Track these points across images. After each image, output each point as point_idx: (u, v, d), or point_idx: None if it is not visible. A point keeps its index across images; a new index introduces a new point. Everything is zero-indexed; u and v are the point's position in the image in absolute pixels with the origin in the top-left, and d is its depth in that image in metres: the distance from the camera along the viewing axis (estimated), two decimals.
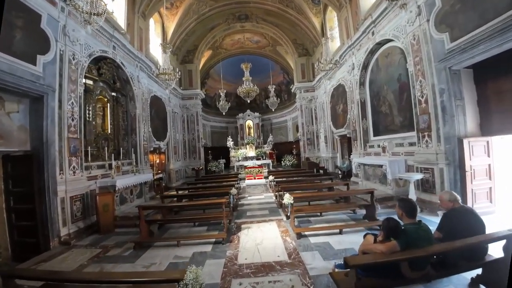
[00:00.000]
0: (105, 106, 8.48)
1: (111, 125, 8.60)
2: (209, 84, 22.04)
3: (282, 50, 18.44)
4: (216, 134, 23.45)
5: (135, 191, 8.27)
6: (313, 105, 15.00)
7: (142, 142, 9.68)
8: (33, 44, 5.25)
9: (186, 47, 15.42)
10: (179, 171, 13.92)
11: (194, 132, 15.34)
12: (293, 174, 10.70)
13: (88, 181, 6.63)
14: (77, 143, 6.27)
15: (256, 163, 15.32)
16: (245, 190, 10.50)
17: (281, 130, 23.62)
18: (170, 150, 13.01)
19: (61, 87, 5.97)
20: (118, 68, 8.90)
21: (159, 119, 11.93)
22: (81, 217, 6.19)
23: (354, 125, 10.35)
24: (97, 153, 7.68)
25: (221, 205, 4.89)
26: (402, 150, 7.72)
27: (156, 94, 11.69)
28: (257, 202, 7.96)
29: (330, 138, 13.06)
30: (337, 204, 6.04)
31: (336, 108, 12.25)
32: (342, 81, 11.49)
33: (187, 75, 15.59)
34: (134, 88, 9.55)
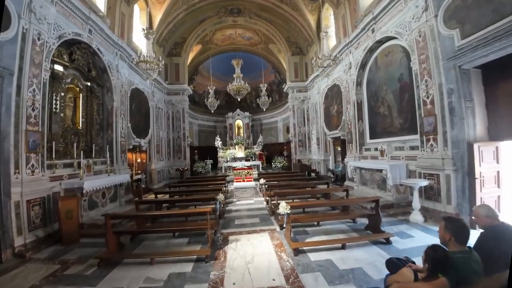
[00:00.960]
0: (77, 97, 7.50)
1: (83, 119, 7.62)
2: (198, 80, 21.13)
3: (274, 49, 17.89)
4: (203, 133, 22.53)
5: (108, 194, 7.33)
6: (305, 106, 14.50)
7: (119, 138, 8.72)
8: None
9: (173, 39, 14.50)
10: (162, 172, 12.96)
11: (180, 130, 14.41)
12: (285, 177, 10.07)
13: (50, 182, 5.68)
14: (37, 137, 5.32)
15: (245, 164, 14.61)
16: (233, 193, 9.77)
17: (272, 131, 23.06)
18: (152, 149, 12.04)
19: (21, 70, 5.05)
20: (94, 55, 7.95)
21: (141, 114, 10.97)
22: (40, 224, 5.25)
23: (350, 127, 9.90)
24: (64, 150, 6.71)
25: (205, 214, 4.14)
26: (402, 154, 7.29)
27: (138, 87, 10.73)
28: (246, 208, 7.25)
29: (322, 140, 12.58)
30: (337, 213, 5.45)
31: (330, 109, 11.78)
32: (337, 81, 11.04)
33: (173, 69, 14.66)
34: (112, 79, 8.59)
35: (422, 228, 5.33)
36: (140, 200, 5.85)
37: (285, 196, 6.31)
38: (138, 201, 5.74)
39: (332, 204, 5.65)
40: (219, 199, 5.06)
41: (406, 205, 6.67)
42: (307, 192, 6.99)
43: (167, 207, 7.17)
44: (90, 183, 6.16)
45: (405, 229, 5.27)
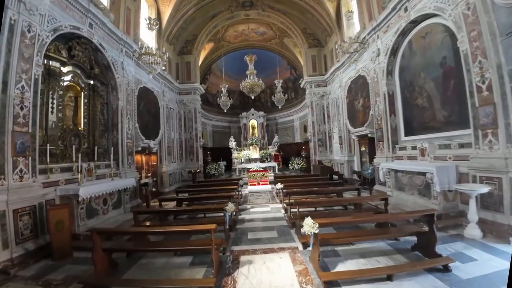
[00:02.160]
0: (78, 96, 6.98)
1: (85, 119, 7.09)
2: (211, 80, 20.59)
3: (290, 43, 16.87)
4: (217, 134, 21.95)
5: (110, 200, 6.72)
6: (325, 102, 13.33)
7: (125, 140, 8.15)
8: None
9: (184, 36, 13.94)
10: (173, 174, 12.38)
11: (192, 131, 13.79)
12: (305, 180, 9.02)
13: (44, 189, 5.10)
14: (26, 139, 4.75)
15: (260, 165, 13.70)
16: (247, 198, 8.88)
17: (288, 131, 22.00)
18: (163, 151, 11.48)
19: (8, 65, 4.49)
20: (97, 51, 7.42)
21: (150, 114, 10.42)
22: (30, 236, 4.66)
23: (379, 123, 8.67)
24: (63, 153, 6.16)
25: (210, 232, 3.27)
26: (449, 153, 6.04)
27: (147, 86, 10.19)
28: (262, 217, 6.31)
29: (346, 138, 11.37)
30: (376, 230, 4.36)
31: (355, 103, 10.58)
32: (362, 72, 9.83)
33: (185, 68, 14.09)
34: (117, 76, 8.04)
35: (483, 247, 4.15)
36: (139, 211, 5.11)
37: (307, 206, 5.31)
38: (137, 211, 4.99)
39: (376, 220, 4.52)
40: (228, 210, 4.19)
41: (456, 215, 5.46)
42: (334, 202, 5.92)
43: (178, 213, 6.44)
44: (87, 190, 5.53)
45: (462, 249, 4.12)
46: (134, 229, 4.15)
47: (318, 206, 6.09)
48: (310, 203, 5.49)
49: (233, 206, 4.29)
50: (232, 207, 4.23)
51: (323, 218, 3.62)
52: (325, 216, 5.18)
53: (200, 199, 6.94)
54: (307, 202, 5.29)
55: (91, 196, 5.74)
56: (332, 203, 5.92)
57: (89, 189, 5.62)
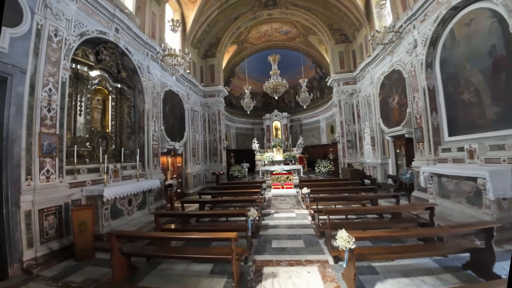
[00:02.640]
0: (106, 99, 7.18)
1: (113, 121, 7.26)
2: (234, 83, 20.62)
3: (315, 40, 16.24)
4: (241, 136, 21.88)
5: (135, 201, 6.76)
6: (354, 100, 12.48)
7: (151, 142, 8.24)
8: None
9: (208, 40, 14.05)
10: (198, 176, 12.40)
11: (216, 133, 13.78)
12: (333, 185, 8.38)
13: (70, 189, 5.21)
14: (53, 140, 4.87)
15: (284, 168, 13.22)
16: (270, 202, 8.47)
17: (313, 132, 21.21)
18: (188, 152, 11.54)
19: (36, 69, 4.65)
20: (123, 55, 7.60)
21: (175, 117, 10.53)
22: (55, 235, 4.73)
23: (419, 122, 7.79)
24: (91, 154, 6.31)
25: (230, 240, 2.96)
26: (503, 155, 5.11)
27: (172, 89, 10.32)
28: (286, 223, 5.86)
29: (379, 139, 10.47)
30: (421, 245, 3.70)
31: (389, 101, 9.69)
32: (397, 66, 8.97)
33: (208, 71, 14.17)
34: (143, 80, 8.18)
35: None
36: (160, 213, 4.98)
37: (338, 213, 4.77)
38: (158, 214, 4.88)
39: (425, 235, 3.81)
40: (250, 216, 3.85)
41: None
42: (369, 211, 5.29)
43: (199, 216, 6.28)
44: (111, 190, 5.57)
45: None
46: (152, 234, 3.99)
47: (349, 214, 5.49)
48: (341, 211, 4.91)
49: (256, 212, 3.94)
50: (254, 213, 3.89)
51: (358, 230, 3.13)
52: (358, 226, 4.60)
53: (222, 202, 6.69)
54: (338, 211, 4.73)
55: (116, 197, 5.78)
56: (366, 212, 5.29)
57: (113, 190, 5.66)
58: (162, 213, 4.95)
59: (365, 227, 4.41)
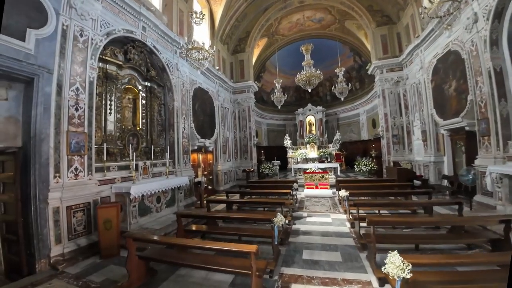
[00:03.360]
0: (136, 98, 7.28)
1: (143, 119, 7.34)
2: (265, 78, 20.07)
3: (352, 26, 14.83)
4: (272, 132, 21.32)
5: (164, 198, 6.72)
6: (400, 89, 10.96)
7: (181, 139, 8.21)
8: (22, 15, 4.10)
9: (237, 35, 13.72)
10: (228, 173, 12.24)
11: (246, 130, 13.46)
12: (376, 187, 7.39)
13: (99, 186, 5.30)
14: (81, 138, 4.93)
15: (319, 166, 12.30)
16: (303, 204, 7.79)
17: (351, 127, 19.64)
18: (219, 149, 11.42)
19: (63, 69, 4.73)
20: (151, 54, 7.62)
21: (205, 114, 10.43)
22: (83, 232, 4.82)
23: (483, 111, 6.38)
24: (122, 152, 6.40)
25: (250, 255, 2.48)
26: None
27: (202, 86, 10.22)
28: (321, 230, 5.15)
29: (431, 133, 8.97)
30: (502, 271, 2.74)
31: (444, 88, 8.20)
32: (453, 45, 7.51)
33: (238, 66, 13.87)
34: (172, 77, 8.15)
35: None
36: (183, 214, 4.74)
37: (385, 224, 3.94)
38: (181, 214, 4.64)
39: None
40: (276, 222, 3.31)
41: None
42: (425, 223, 4.31)
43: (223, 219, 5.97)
44: (139, 188, 5.54)
45: None
46: (168, 240, 3.72)
47: (399, 225, 4.58)
48: (389, 222, 4.04)
49: (283, 218, 3.39)
50: (281, 219, 3.34)
51: (410, 245, 2.34)
52: (409, 239, 3.73)
53: (250, 203, 6.25)
54: (386, 221, 3.87)
55: (143, 194, 5.74)
56: (422, 224, 4.31)
57: (141, 187, 5.63)
58: (184, 213, 4.71)
59: (418, 241, 3.55)
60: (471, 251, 3.78)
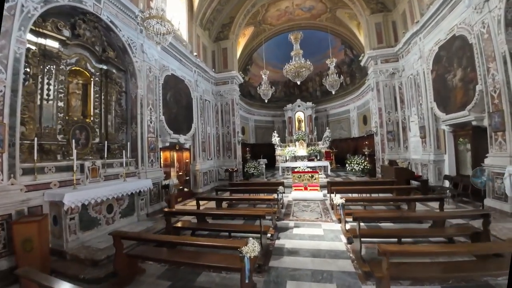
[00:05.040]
0: (88, 83, 5.96)
1: (96, 109, 6.04)
2: (253, 71, 18.91)
3: (344, 16, 13.90)
4: (260, 129, 20.24)
5: (118, 207, 5.48)
6: (396, 82, 10.11)
7: (146, 134, 6.96)
8: None
9: (220, 20, 12.47)
10: (209, 173, 11.05)
11: (230, 125, 12.27)
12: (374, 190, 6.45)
13: (27, 193, 4.07)
14: None
15: (308, 165, 11.35)
16: (290, 209, 6.74)
17: (341, 123, 18.85)
18: (197, 147, 10.19)
19: None
20: (109, 31, 6.34)
21: (180, 106, 9.17)
22: (3, 252, 3.61)
23: (496, 103, 5.57)
24: (63, 149, 5.10)
25: None
26: None
27: (175, 74, 8.94)
28: (310, 247, 4.06)
29: (431, 129, 8.13)
30: None
31: (446, 78, 7.36)
32: (459, 30, 6.67)
33: (221, 55, 12.63)
34: (136, 61, 6.88)
35: None
36: (120, 234, 3.51)
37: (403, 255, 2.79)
38: (120, 235, 3.44)
39: None
40: (246, 253, 2.20)
41: None
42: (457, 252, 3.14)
43: (174, 245, 4.83)
44: (77, 195, 4.30)
45: None
46: None
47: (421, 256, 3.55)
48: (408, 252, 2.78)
49: (256, 247, 2.30)
50: (253, 249, 2.25)
51: None
52: (431, 268, 2.72)
53: (222, 216, 5.07)
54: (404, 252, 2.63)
55: (86, 202, 4.50)
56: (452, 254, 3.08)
57: (81, 194, 4.38)
58: (123, 234, 3.49)
59: (450, 275, 2.53)
60: None
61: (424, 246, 2.98)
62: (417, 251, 2.52)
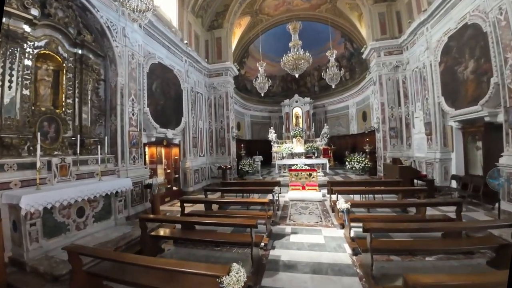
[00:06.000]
0: (60, 69, 5.26)
1: (69, 99, 5.35)
2: (249, 65, 18.19)
3: (345, 6, 13.24)
4: (256, 125, 19.61)
5: (90, 209, 4.83)
6: (400, 75, 9.54)
7: (127, 127, 6.29)
8: None
9: (213, 7, 11.70)
10: (201, 170, 10.43)
11: (223, 119, 11.61)
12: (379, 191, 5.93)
13: None
14: None
15: (306, 162, 10.76)
16: (286, 211, 6.17)
17: (340, 120, 18.32)
18: (187, 142, 9.54)
19: None
20: (85, 11, 5.62)
21: (168, 98, 8.48)
22: None
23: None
24: (28, 143, 4.44)
25: None
26: None
27: (163, 62, 8.23)
28: (310, 259, 3.46)
29: (438, 126, 7.61)
30: None
31: (456, 70, 6.81)
32: (472, 17, 6.11)
33: (215, 45, 11.90)
34: (116, 45, 6.17)
35: None
36: (74, 249, 2.88)
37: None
38: (71, 249, 2.81)
39: None
40: (227, 285, 1.63)
41: None
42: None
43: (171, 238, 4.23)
44: (38, 197, 3.66)
45: None
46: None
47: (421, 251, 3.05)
48: None
49: (241, 277, 1.72)
50: (236, 281, 1.66)
51: None
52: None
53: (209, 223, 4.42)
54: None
55: (50, 205, 3.85)
56: None
57: (43, 196, 3.74)
58: (80, 249, 2.84)
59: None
60: None
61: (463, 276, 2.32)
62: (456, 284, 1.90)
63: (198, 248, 4.05)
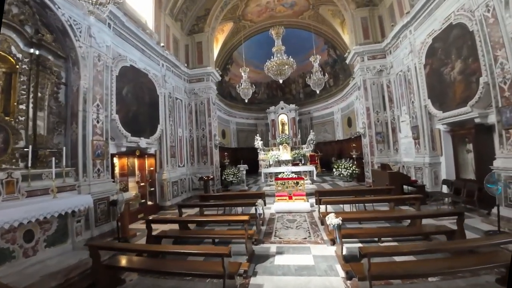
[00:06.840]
0: (12, 71, 4.55)
1: (22, 105, 4.62)
2: (233, 71, 17.84)
3: (327, 13, 13.27)
4: (242, 132, 19.10)
5: (41, 233, 4.06)
6: (384, 79, 9.40)
7: (90, 137, 5.56)
8: None
9: (194, 11, 11.29)
10: (180, 182, 9.68)
11: (205, 127, 11.00)
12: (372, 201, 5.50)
13: None
14: None
15: (292, 170, 10.30)
16: (272, 226, 5.59)
17: (326, 126, 18.19)
18: (164, 152, 8.83)
19: None
20: (44, 8, 4.98)
21: (142, 104, 7.81)
22: None
23: (507, 95, 4.86)
24: None
25: None
26: None
27: (136, 66, 7.59)
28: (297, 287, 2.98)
29: (425, 129, 7.40)
30: None
31: (443, 72, 6.66)
32: (457, 17, 6.00)
33: (195, 49, 11.41)
34: (79, 46, 5.52)
35: None
36: None
37: None
38: None
39: None
40: None
41: None
42: None
43: None
44: None
45: None
46: None
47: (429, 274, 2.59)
48: None
49: None
50: None
51: None
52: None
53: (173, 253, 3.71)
54: None
55: None
56: None
57: None
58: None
59: None
60: None
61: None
62: None
63: (166, 278, 3.38)
